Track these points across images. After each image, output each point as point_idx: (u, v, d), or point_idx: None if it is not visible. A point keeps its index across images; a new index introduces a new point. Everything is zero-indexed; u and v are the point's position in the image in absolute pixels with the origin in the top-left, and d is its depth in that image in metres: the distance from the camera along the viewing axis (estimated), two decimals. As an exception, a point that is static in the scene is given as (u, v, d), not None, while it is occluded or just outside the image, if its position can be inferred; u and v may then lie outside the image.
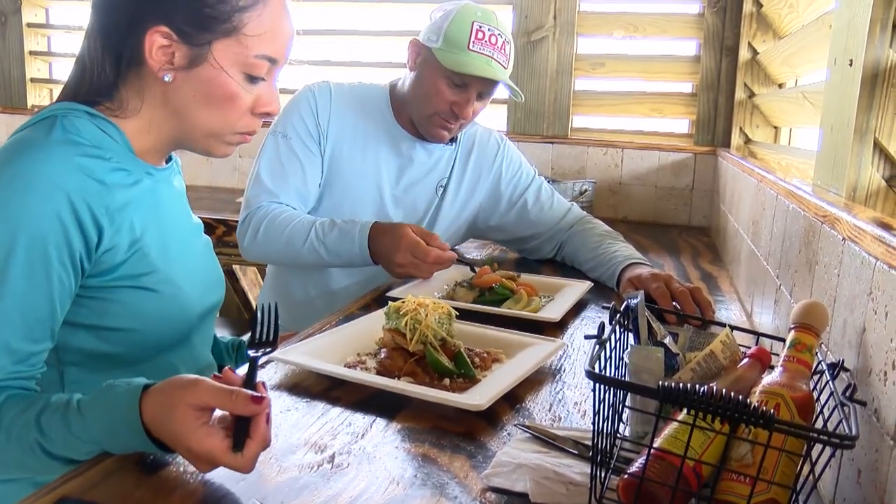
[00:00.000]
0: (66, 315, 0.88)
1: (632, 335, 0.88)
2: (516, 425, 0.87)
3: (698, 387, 0.59)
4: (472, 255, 1.87)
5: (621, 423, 0.77)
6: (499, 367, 1.05)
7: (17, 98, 3.20)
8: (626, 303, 0.89)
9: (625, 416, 0.80)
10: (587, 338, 0.77)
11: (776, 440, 0.60)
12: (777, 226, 1.24)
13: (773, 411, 0.58)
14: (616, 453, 0.75)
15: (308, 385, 0.98)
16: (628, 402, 0.74)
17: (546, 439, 0.83)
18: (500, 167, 1.79)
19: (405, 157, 1.70)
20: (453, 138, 1.73)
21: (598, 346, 0.72)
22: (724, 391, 0.58)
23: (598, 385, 0.65)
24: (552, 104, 2.65)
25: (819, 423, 0.70)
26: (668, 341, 0.87)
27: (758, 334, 0.90)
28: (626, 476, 0.65)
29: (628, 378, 0.79)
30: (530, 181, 1.80)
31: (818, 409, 0.70)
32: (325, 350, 1.06)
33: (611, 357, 0.79)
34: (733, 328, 0.85)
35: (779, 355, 0.73)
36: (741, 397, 0.58)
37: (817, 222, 0.94)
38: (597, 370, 0.67)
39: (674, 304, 1.29)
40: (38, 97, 3.24)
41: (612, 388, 0.68)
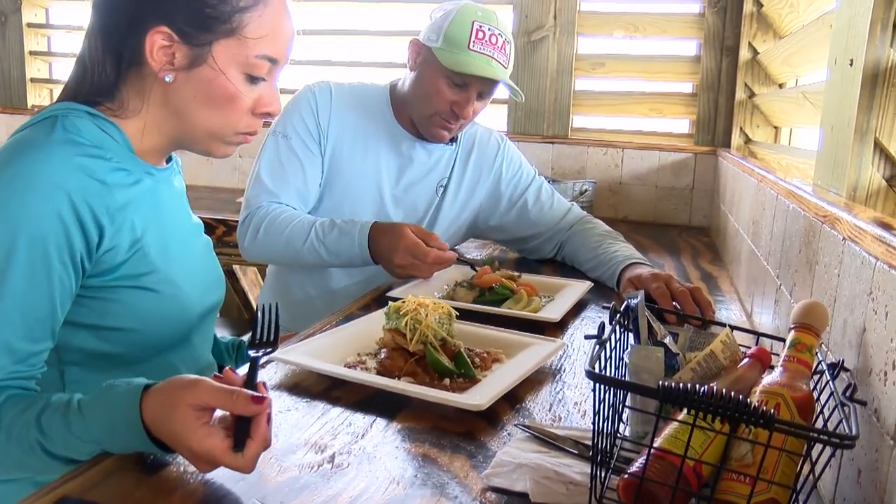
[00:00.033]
0: (66, 315, 0.88)
1: (632, 335, 0.88)
2: (516, 425, 0.87)
3: (698, 387, 0.59)
4: (473, 254, 1.87)
5: (621, 423, 0.77)
6: (499, 367, 1.05)
7: (17, 98, 3.20)
8: (626, 303, 0.89)
9: (625, 416, 0.80)
10: (587, 338, 0.77)
11: (776, 440, 0.60)
12: (777, 226, 1.24)
13: (773, 411, 0.58)
14: (616, 453, 0.75)
15: (308, 385, 0.98)
16: (628, 402, 0.74)
17: (546, 439, 0.83)
18: (501, 167, 1.79)
19: (405, 157, 1.70)
20: (453, 138, 1.73)
21: (598, 346, 0.72)
22: (724, 391, 0.58)
23: (598, 385, 0.65)
24: (552, 104, 2.65)
25: (819, 423, 0.70)
26: (668, 341, 0.87)
27: (758, 334, 0.90)
28: (626, 476, 0.65)
29: (628, 378, 0.79)
30: (530, 181, 1.80)
31: (818, 409, 0.70)
32: (326, 350, 1.06)
33: (611, 357, 0.79)
34: (733, 328, 0.85)
35: (779, 355, 0.73)
36: (741, 397, 0.58)
37: (817, 222, 0.94)
38: (597, 370, 0.67)
39: (674, 304, 1.29)
40: (38, 97, 3.24)
41: (613, 388, 0.68)
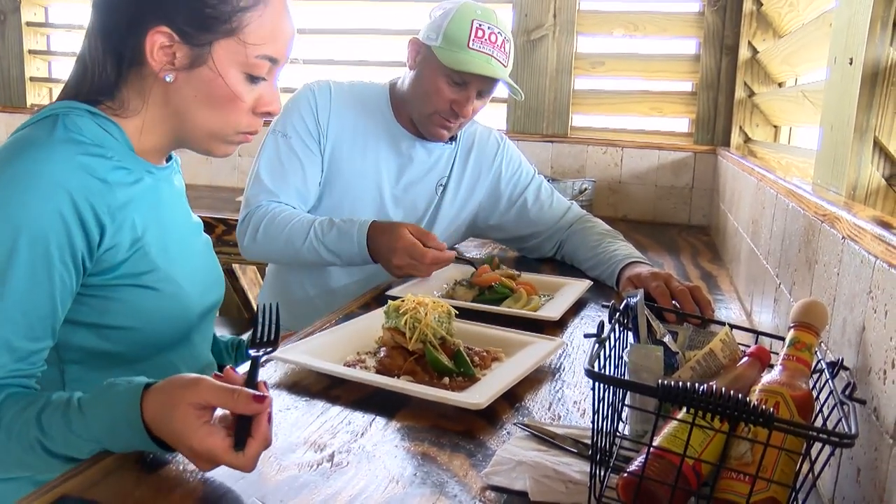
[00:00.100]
0: (66, 313, 0.88)
1: (631, 334, 0.88)
2: (516, 424, 0.87)
3: (698, 385, 0.59)
4: (472, 253, 1.87)
5: (621, 422, 0.77)
6: (498, 365, 1.05)
7: (17, 97, 3.19)
8: (625, 301, 0.89)
9: (624, 415, 0.80)
10: (587, 336, 0.77)
11: (776, 439, 0.60)
12: (777, 225, 1.24)
13: (772, 410, 0.58)
14: (615, 452, 0.75)
15: (308, 384, 0.98)
16: (628, 401, 0.74)
17: (545, 438, 0.83)
18: (500, 166, 1.79)
19: (405, 156, 1.70)
20: (453, 137, 1.73)
21: (597, 345, 0.72)
22: (723, 390, 0.58)
23: (597, 384, 0.65)
24: (552, 103, 2.65)
25: (818, 422, 0.70)
26: (667, 340, 0.87)
27: (757, 333, 0.90)
28: (625, 475, 0.65)
29: (628, 377, 0.79)
30: (530, 180, 1.80)
31: (817, 408, 0.70)
32: (325, 349, 1.06)
33: (610, 356, 0.79)
34: (733, 327, 0.85)
35: (778, 354, 0.73)
36: (741, 396, 0.58)
37: (817, 221, 0.94)
38: (596, 369, 0.67)
39: (673, 302, 1.29)
40: (37, 96, 3.24)
41: (612, 387, 0.68)
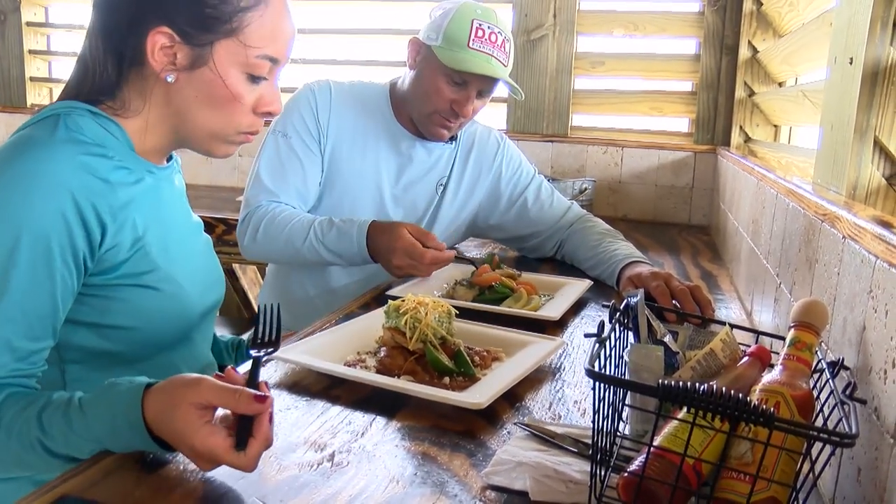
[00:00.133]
0: (67, 313, 0.88)
1: (632, 333, 0.88)
2: (516, 423, 0.87)
3: (698, 385, 0.59)
4: (472, 253, 1.87)
5: (621, 422, 0.77)
6: (498, 365, 1.05)
7: (17, 97, 3.19)
8: (625, 301, 0.89)
9: (625, 415, 0.80)
10: (587, 336, 0.77)
11: (776, 438, 0.60)
12: (777, 224, 1.24)
13: (773, 409, 0.58)
14: (616, 451, 0.75)
15: (308, 384, 0.98)
16: (628, 401, 0.74)
17: (546, 437, 0.83)
18: (500, 166, 1.79)
19: (405, 156, 1.70)
20: (453, 137, 1.73)
21: (597, 345, 0.72)
22: (724, 389, 0.58)
23: (597, 383, 0.65)
24: (552, 103, 2.65)
25: (819, 422, 0.70)
26: (667, 340, 0.87)
27: (758, 333, 0.90)
28: (626, 474, 0.65)
29: (628, 376, 0.79)
30: (530, 180, 1.80)
31: (818, 408, 0.70)
32: (325, 349, 1.06)
33: (611, 355, 0.79)
34: (733, 326, 0.85)
35: (779, 354, 0.73)
36: (741, 396, 0.58)
37: (817, 221, 0.94)
38: (597, 368, 0.67)
39: (673, 302, 1.29)
40: (37, 96, 3.24)
41: (612, 387, 0.68)
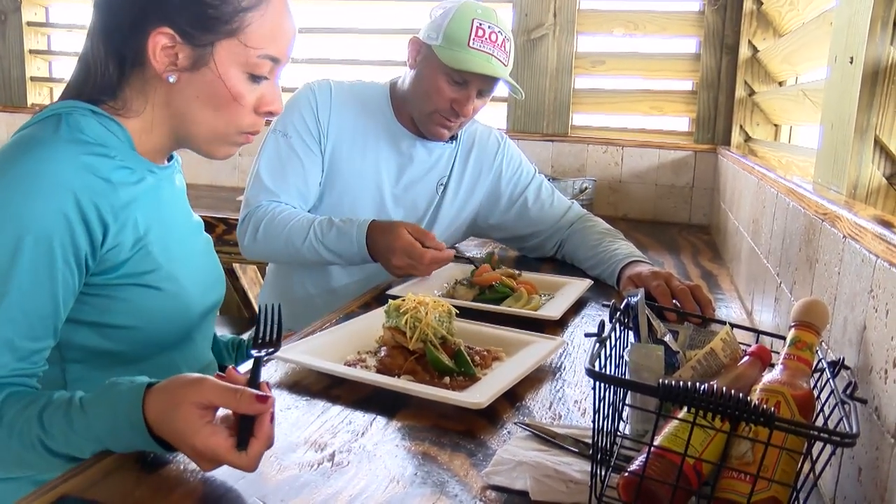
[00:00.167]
0: (69, 312, 0.88)
1: (632, 333, 0.88)
2: (516, 423, 0.87)
3: (699, 385, 0.59)
4: (472, 252, 1.87)
5: (621, 421, 0.77)
6: (499, 365, 1.05)
7: (17, 97, 3.19)
8: (626, 301, 0.89)
9: (625, 415, 0.80)
10: (587, 336, 0.77)
11: (777, 438, 0.60)
12: (777, 224, 1.24)
13: (773, 409, 0.58)
14: (616, 451, 0.75)
15: (308, 383, 0.98)
16: (628, 400, 0.74)
17: (546, 437, 0.83)
18: (501, 165, 1.79)
19: (405, 156, 1.70)
20: (453, 136, 1.73)
21: (598, 344, 0.71)
22: (724, 389, 0.58)
23: (598, 383, 0.65)
24: (552, 102, 2.65)
25: (819, 421, 0.70)
26: (668, 339, 0.87)
27: (758, 332, 0.90)
28: (626, 474, 0.65)
29: (628, 376, 0.79)
30: (530, 179, 1.80)
31: (818, 407, 0.70)
32: (326, 348, 1.06)
33: (611, 355, 0.79)
34: (733, 326, 0.85)
35: (779, 353, 0.73)
36: (742, 395, 0.58)
37: (818, 220, 0.93)
38: (597, 368, 0.67)
39: (674, 302, 1.29)
40: (38, 96, 3.24)
41: (613, 386, 0.68)
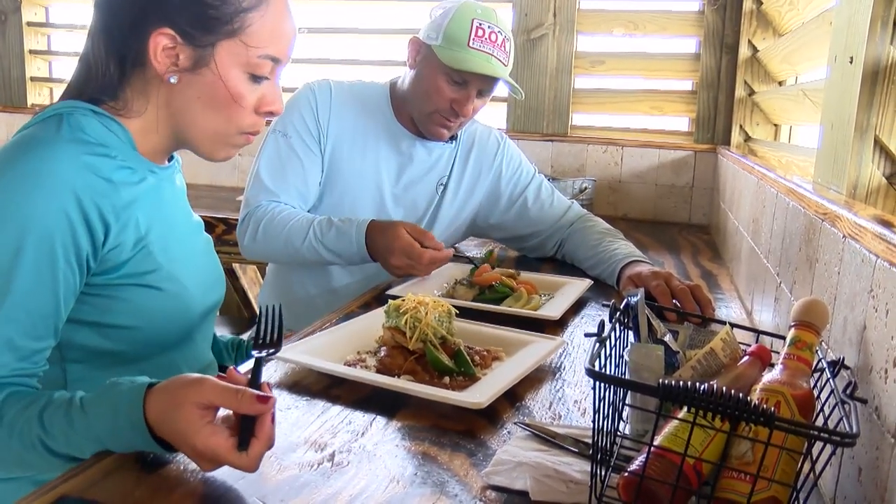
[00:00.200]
0: (69, 312, 0.88)
1: (632, 333, 0.88)
2: (516, 423, 0.87)
3: (698, 384, 0.59)
4: (472, 252, 1.87)
5: (621, 421, 0.77)
6: (499, 365, 1.05)
7: (18, 97, 3.19)
8: (626, 301, 0.89)
9: (625, 414, 0.80)
10: (587, 336, 0.77)
11: (777, 438, 0.60)
12: (777, 223, 1.24)
13: (773, 409, 0.58)
14: (616, 451, 0.75)
15: (308, 383, 0.98)
16: (628, 400, 0.74)
17: (546, 437, 0.83)
18: (501, 165, 1.79)
19: (405, 156, 1.70)
20: (453, 136, 1.73)
21: (598, 344, 0.71)
22: (724, 389, 0.58)
23: (598, 383, 0.65)
24: (552, 102, 2.65)
25: (819, 421, 0.70)
26: (668, 339, 0.87)
27: (758, 332, 0.90)
28: (626, 474, 0.65)
29: (628, 376, 0.79)
30: (530, 179, 1.80)
31: (819, 407, 0.70)
32: (325, 348, 1.06)
33: (611, 355, 0.79)
34: (733, 326, 0.85)
35: (779, 353, 0.73)
36: (741, 395, 0.58)
37: (818, 220, 0.93)
38: (597, 368, 0.67)
39: (674, 301, 1.29)
40: (38, 96, 3.24)
41: (613, 386, 0.68)
